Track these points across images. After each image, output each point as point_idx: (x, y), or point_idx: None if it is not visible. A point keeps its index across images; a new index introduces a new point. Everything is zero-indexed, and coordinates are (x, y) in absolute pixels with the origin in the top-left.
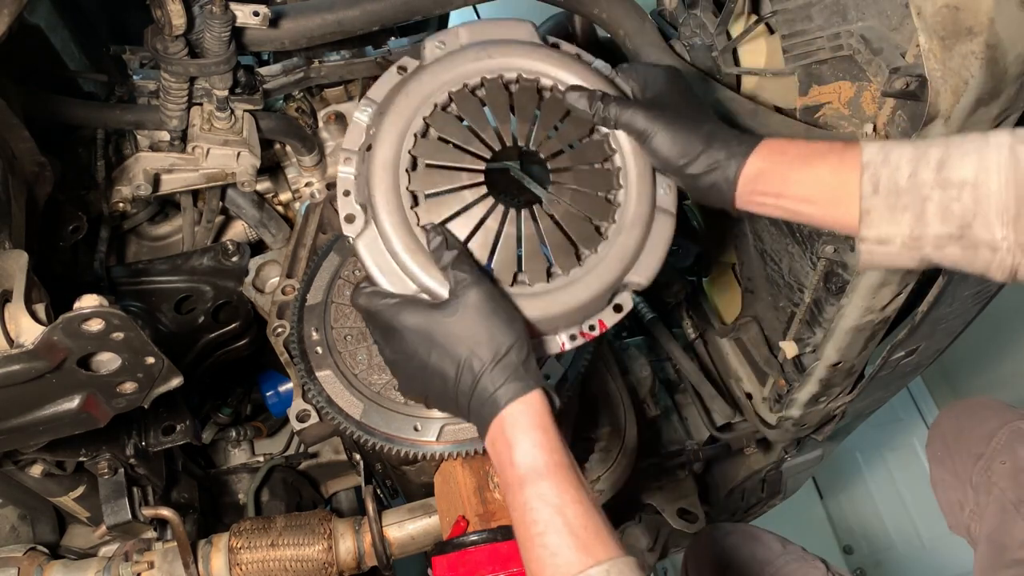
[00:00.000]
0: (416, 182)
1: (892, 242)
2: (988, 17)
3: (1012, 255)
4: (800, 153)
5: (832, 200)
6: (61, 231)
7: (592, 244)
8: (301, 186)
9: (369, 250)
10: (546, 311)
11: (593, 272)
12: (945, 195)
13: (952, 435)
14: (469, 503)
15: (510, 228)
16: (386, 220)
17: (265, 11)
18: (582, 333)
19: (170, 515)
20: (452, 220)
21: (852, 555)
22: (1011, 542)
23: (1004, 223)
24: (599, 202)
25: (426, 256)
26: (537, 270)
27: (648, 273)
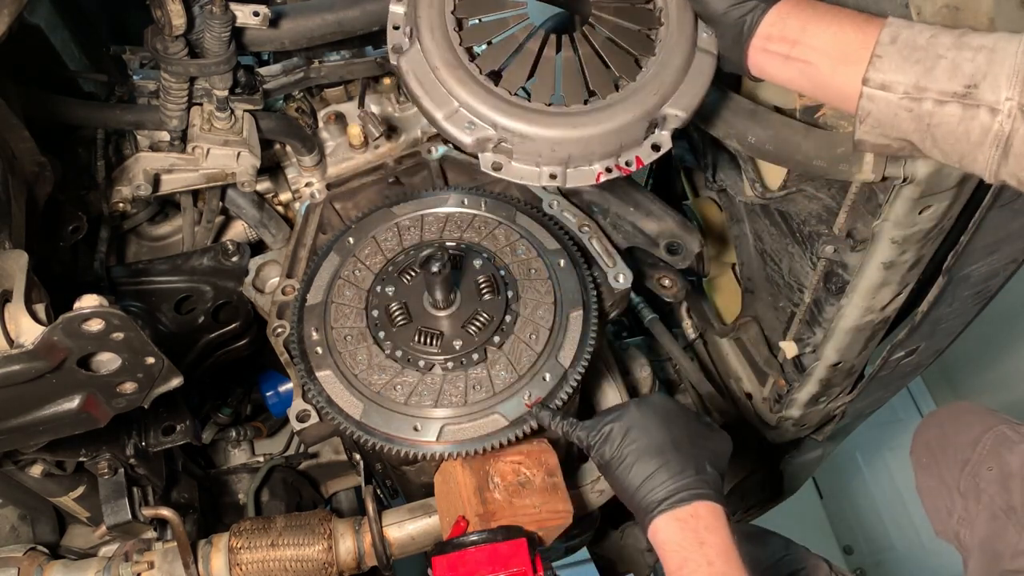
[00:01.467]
0: (462, 7)
1: (895, 89)
2: (988, 17)
3: (1011, 120)
4: (827, 8)
5: (845, 56)
6: (61, 231)
7: (631, 73)
8: (301, 186)
9: (412, 67)
10: (582, 131)
11: (631, 99)
12: (959, 55)
13: (936, 441)
14: (469, 503)
15: (549, 51)
16: (430, 39)
17: (265, 11)
18: (618, 166)
19: (170, 515)
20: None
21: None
22: (1004, 550)
23: (1012, 84)
24: (640, 37)
25: (468, 74)
26: (574, 92)
27: (687, 105)
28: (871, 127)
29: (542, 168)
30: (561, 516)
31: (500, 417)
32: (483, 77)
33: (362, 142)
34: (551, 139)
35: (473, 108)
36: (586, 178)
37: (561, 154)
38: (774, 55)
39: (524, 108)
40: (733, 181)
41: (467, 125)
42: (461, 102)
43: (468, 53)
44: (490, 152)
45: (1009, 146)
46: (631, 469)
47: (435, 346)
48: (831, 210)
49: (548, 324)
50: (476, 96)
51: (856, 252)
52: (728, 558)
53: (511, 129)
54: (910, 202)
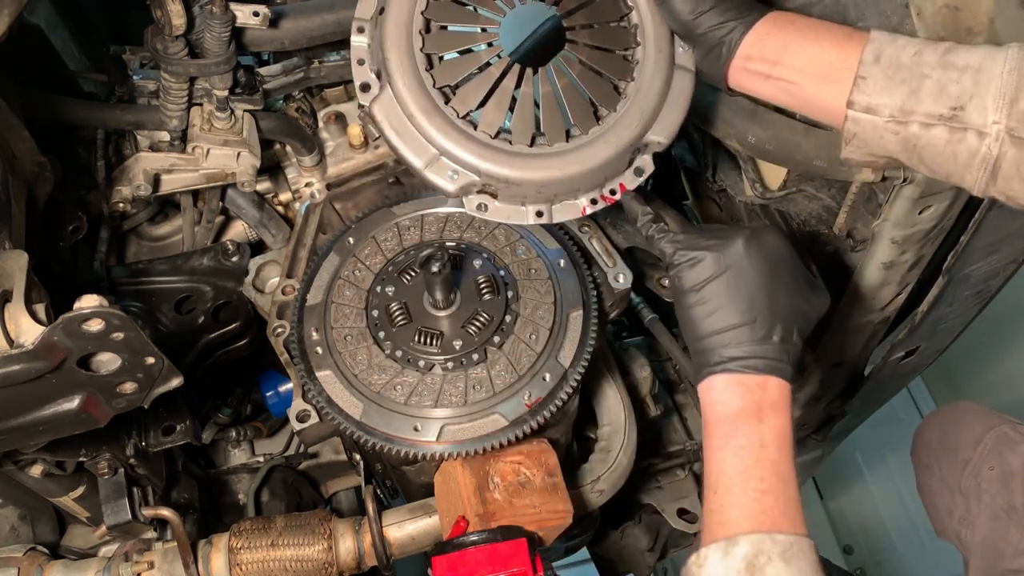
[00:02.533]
0: (430, 44)
1: (880, 112)
2: (988, 17)
3: (999, 144)
4: (808, 25)
5: (828, 76)
6: (61, 231)
7: (611, 103)
8: (301, 186)
9: (385, 114)
10: (566, 171)
11: (613, 130)
12: (945, 75)
13: (938, 441)
14: (469, 503)
15: (527, 88)
16: (401, 82)
17: (265, 11)
18: (603, 197)
19: (170, 515)
20: (468, 81)
21: (852, 555)
22: (1005, 549)
23: (999, 107)
24: (617, 60)
25: (445, 119)
26: (556, 129)
27: (669, 131)
28: (857, 147)
29: (528, 207)
30: (561, 516)
31: (500, 417)
32: (461, 121)
33: (362, 142)
34: (536, 182)
35: (455, 156)
36: (572, 212)
37: (547, 194)
38: (755, 74)
39: (507, 152)
40: (733, 181)
41: (450, 174)
42: (442, 151)
43: (443, 94)
44: (474, 195)
45: (997, 168)
46: (711, 313)
47: (435, 346)
48: (831, 210)
49: (548, 324)
50: (457, 144)
51: (856, 252)
52: (783, 447)
53: (495, 175)
54: (910, 202)
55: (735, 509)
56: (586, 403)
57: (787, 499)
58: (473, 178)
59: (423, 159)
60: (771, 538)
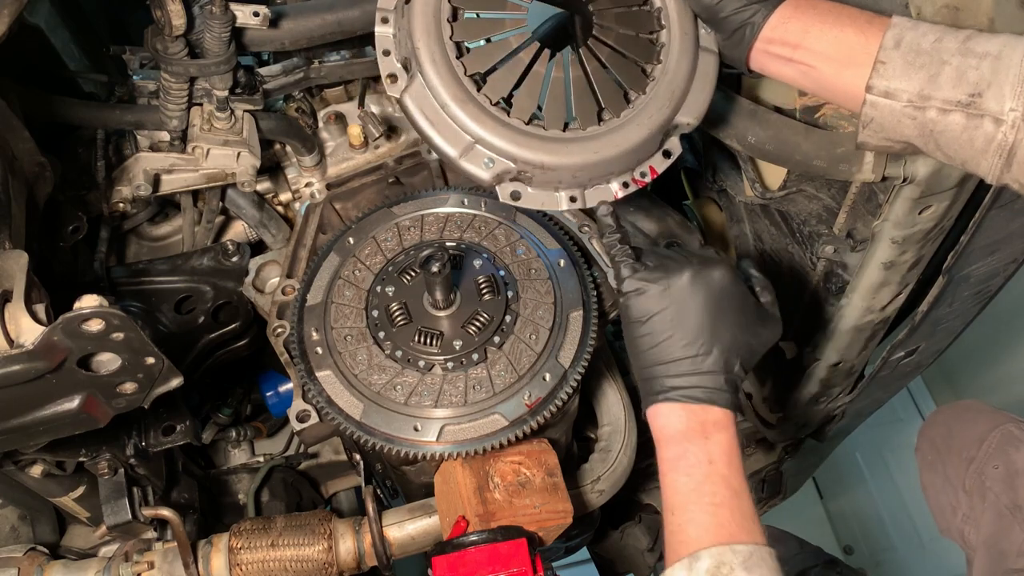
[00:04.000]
0: (460, 31)
1: (899, 97)
2: (988, 17)
3: (1015, 131)
4: (830, 9)
5: (848, 59)
6: (61, 231)
7: (640, 85)
8: (301, 186)
9: (418, 104)
10: (600, 154)
11: (643, 113)
12: (964, 62)
13: (942, 439)
14: (469, 503)
15: (557, 72)
16: (432, 71)
17: (265, 11)
18: (634, 180)
19: (170, 515)
20: (498, 68)
21: (852, 555)
22: (1009, 548)
23: (1017, 94)
24: (643, 43)
25: (479, 107)
26: (588, 114)
27: (697, 111)
28: (874, 131)
29: (561, 192)
30: (561, 516)
31: (500, 417)
32: (494, 108)
33: (362, 142)
34: (571, 166)
35: (491, 144)
36: (605, 195)
37: (581, 179)
38: (776, 57)
39: (542, 138)
40: (733, 181)
41: (486, 162)
42: (477, 139)
43: (474, 82)
44: (508, 183)
45: (1013, 155)
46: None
47: (435, 346)
48: (831, 210)
49: (548, 324)
50: (492, 131)
51: (856, 252)
52: (731, 461)
53: (531, 161)
54: (910, 202)
55: (693, 526)
56: (586, 403)
57: (742, 511)
58: (509, 165)
59: (458, 148)
60: (731, 549)
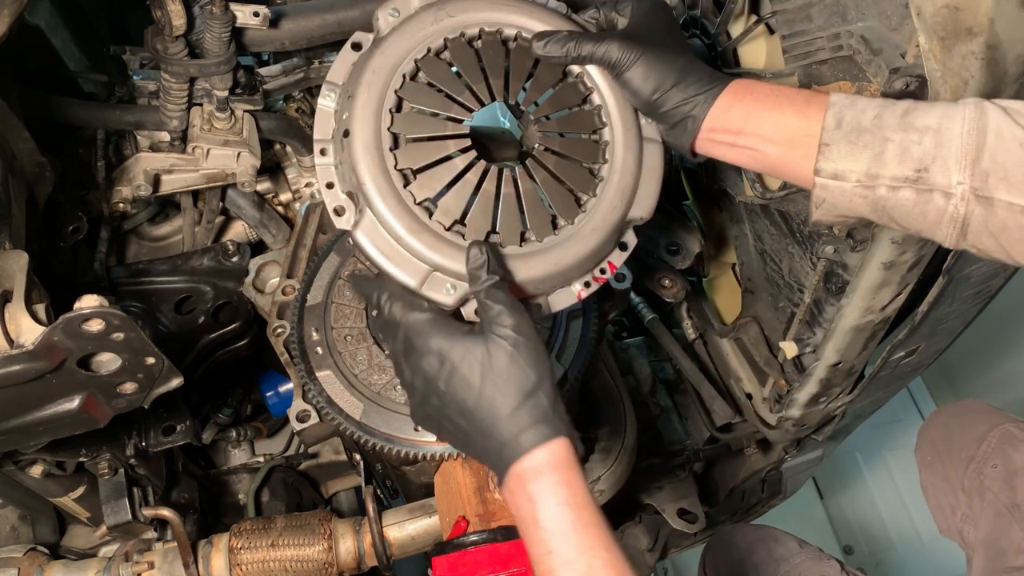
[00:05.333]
0: (404, 159)
1: (847, 178)
2: (988, 17)
3: (965, 204)
4: (768, 93)
5: (791, 141)
6: (61, 231)
7: (590, 188)
8: (301, 186)
9: (371, 239)
10: (560, 263)
11: (597, 216)
12: (906, 137)
13: (941, 439)
14: (469, 503)
15: (508, 188)
16: (382, 205)
17: (265, 11)
18: (595, 278)
19: (170, 515)
20: (447, 191)
21: (852, 555)
22: (1008, 547)
23: (962, 167)
24: (588, 144)
25: (433, 235)
26: (543, 225)
27: (648, 206)
28: (827, 211)
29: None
30: None
31: None
32: (448, 233)
33: None
34: (534, 279)
35: (449, 270)
36: (569, 299)
37: (544, 288)
38: (720, 144)
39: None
40: (733, 181)
41: (448, 288)
42: (435, 267)
43: (424, 210)
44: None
45: (967, 225)
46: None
47: None
48: None
49: (548, 324)
50: (450, 257)
51: (856, 252)
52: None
53: None
54: None
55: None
56: (586, 403)
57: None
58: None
59: (417, 279)
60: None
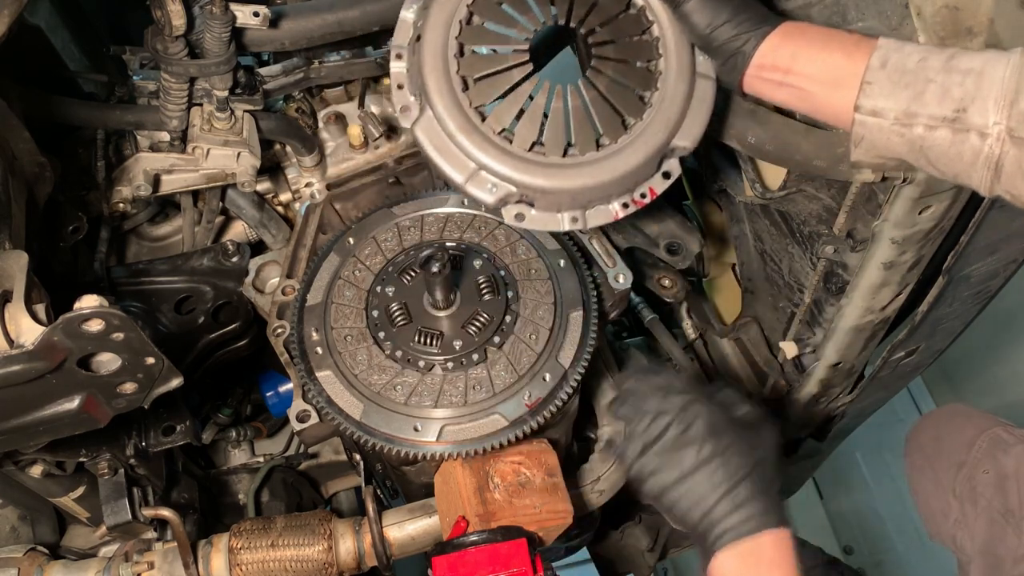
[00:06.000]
0: (465, 67)
1: (886, 116)
2: (988, 17)
3: (1000, 144)
4: (818, 35)
5: (836, 82)
6: (61, 231)
7: (637, 112)
8: (301, 186)
9: (427, 134)
10: (598, 178)
11: (640, 138)
12: (948, 79)
13: (931, 444)
14: (469, 503)
15: (557, 103)
16: (440, 104)
17: (265, 12)
18: (634, 201)
19: (170, 515)
20: (501, 99)
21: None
22: (1005, 554)
23: (1000, 108)
24: (641, 72)
25: (483, 136)
26: (587, 140)
27: (693, 136)
28: (866, 150)
29: (563, 214)
30: (561, 516)
31: (500, 417)
32: (497, 137)
33: (362, 142)
34: (571, 190)
35: (494, 170)
36: (606, 216)
37: (581, 200)
38: (768, 82)
39: (542, 164)
40: (733, 181)
41: (490, 187)
42: (481, 165)
43: (479, 113)
44: (512, 205)
45: (1000, 167)
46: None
47: (435, 346)
48: (831, 210)
49: (548, 324)
50: (495, 158)
51: (856, 252)
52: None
53: (532, 186)
54: (910, 202)
55: None
56: (586, 403)
57: None
58: (511, 189)
59: (464, 175)
60: None
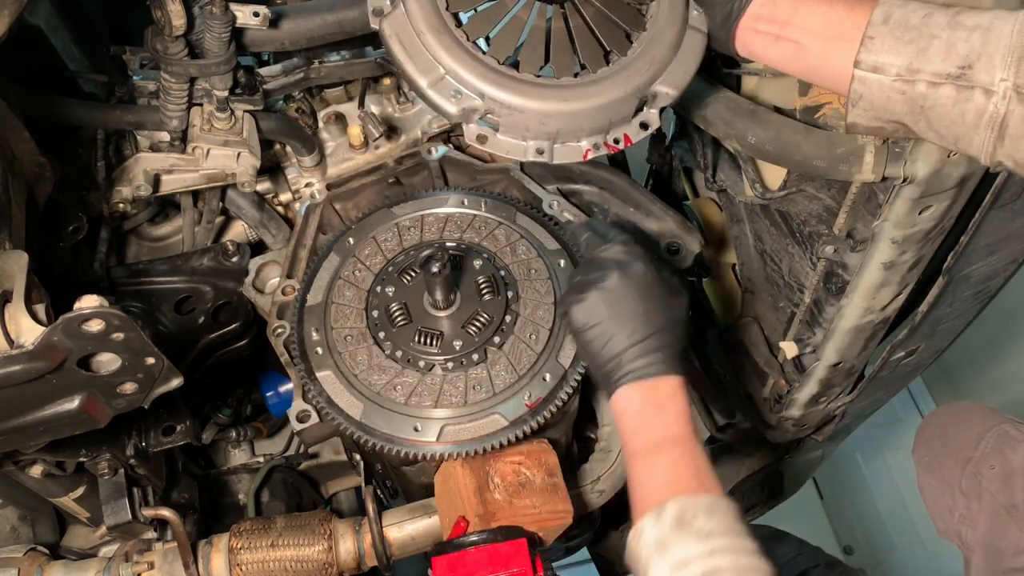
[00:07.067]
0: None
1: (887, 71)
2: None
3: (1006, 102)
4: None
5: (836, 35)
6: (61, 231)
7: (622, 48)
8: (301, 187)
9: (395, 31)
10: (570, 105)
11: (621, 73)
12: (954, 35)
13: (938, 440)
14: (469, 503)
15: (539, 21)
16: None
17: (265, 12)
18: (606, 143)
19: (170, 515)
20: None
21: (852, 555)
22: (1007, 547)
23: (1007, 64)
24: (631, 11)
25: (453, 39)
26: (564, 64)
27: (678, 83)
28: (863, 110)
29: (528, 142)
30: (561, 516)
31: (500, 417)
32: (470, 44)
33: (362, 142)
34: (540, 112)
35: (460, 76)
36: (573, 154)
37: (549, 128)
38: (763, 35)
39: (513, 78)
40: (733, 181)
41: (453, 94)
42: (447, 69)
43: (455, 18)
44: (475, 124)
45: (1005, 127)
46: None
47: (435, 346)
48: (831, 210)
49: (548, 324)
50: (463, 63)
51: (856, 252)
52: (685, 424)
53: (499, 100)
54: (910, 202)
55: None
56: (586, 403)
57: (697, 467)
58: (476, 101)
59: (428, 78)
60: (692, 499)
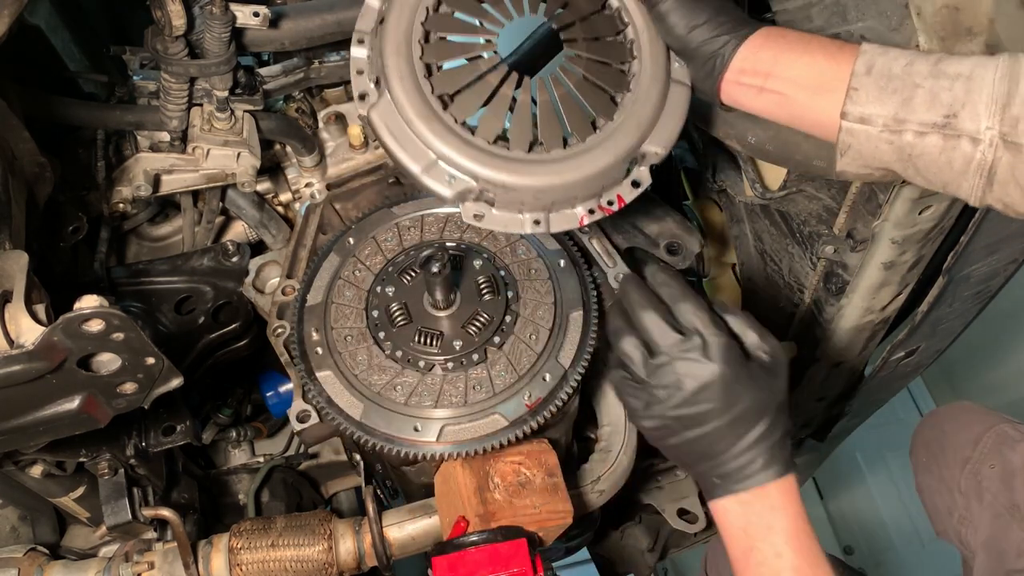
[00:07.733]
0: (429, 53)
1: (874, 123)
2: (988, 17)
3: (993, 150)
4: (799, 39)
5: (820, 86)
6: (61, 231)
7: (608, 112)
8: (301, 187)
9: (383, 119)
10: (564, 178)
11: (610, 139)
12: (937, 84)
13: (936, 441)
14: (469, 503)
15: (524, 96)
16: (400, 88)
17: (265, 12)
18: (600, 207)
19: (170, 515)
20: (466, 89)
21: (852, 555)
22: (1008, 548)
23: (992, 113)
24: (614, 73)
25: (444, 126)
26: (553, 137)
27: (666, 141)
28: (852, 159)
29: (525, 215)
30: (561, 516)
31: (500, 417)
32: (459, 127)
33: (362, 142)
34: (534, 188)
35: (453, 161)
36: (570, 221)
37: (544, 201)
38: (748, 87)
39: (504, 158)
40: (733, 181)
41: (448, 179)
42: (440, 155)
43: (441, 101)
44: (471, 203)
45: (993, 174)
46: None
47: (435, 346)
48: (831, 210)
49: (548, 324)
50: (455, 148)
51: (856, 252)
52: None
53: (493, 180)
54: (910, 202)
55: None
56: (586, 403)
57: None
58: (470, 183)
59: (420, 164)
60: None
